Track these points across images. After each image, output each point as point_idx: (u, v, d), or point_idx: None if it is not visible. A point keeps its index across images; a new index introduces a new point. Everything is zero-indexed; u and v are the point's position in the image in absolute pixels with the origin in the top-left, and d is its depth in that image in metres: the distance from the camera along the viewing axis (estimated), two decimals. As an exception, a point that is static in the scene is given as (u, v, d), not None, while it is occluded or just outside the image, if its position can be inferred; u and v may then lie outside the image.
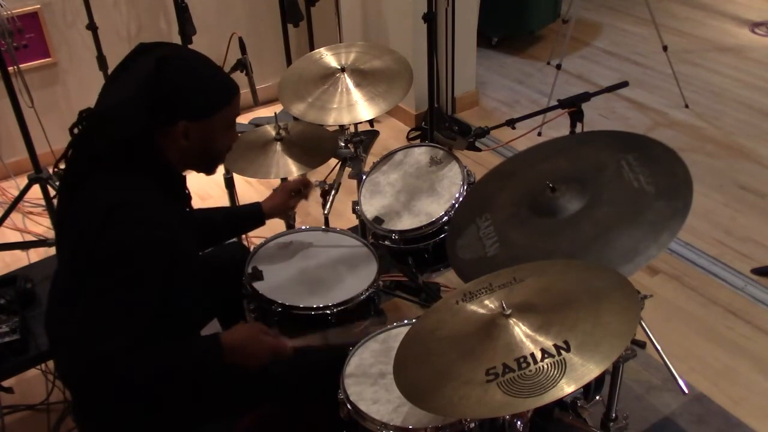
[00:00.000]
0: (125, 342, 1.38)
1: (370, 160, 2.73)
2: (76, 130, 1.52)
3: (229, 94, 1.54)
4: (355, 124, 2.44)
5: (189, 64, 1.50)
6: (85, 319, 1.39)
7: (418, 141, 3.78)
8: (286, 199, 2.12)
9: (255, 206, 2.09)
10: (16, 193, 3.04)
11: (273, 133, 2.31)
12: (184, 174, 1.65)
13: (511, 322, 1.37)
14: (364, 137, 2.52)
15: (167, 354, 1.48)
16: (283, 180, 2.49)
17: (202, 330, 1.90)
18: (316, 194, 2.44)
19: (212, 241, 2.03)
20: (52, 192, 2.95)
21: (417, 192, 2.28)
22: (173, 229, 1.48)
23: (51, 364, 2.17)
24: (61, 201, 1.57)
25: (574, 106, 2.14)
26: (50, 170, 2.93)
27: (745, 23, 4.95)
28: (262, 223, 2.09)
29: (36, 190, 2.98)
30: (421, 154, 2.40)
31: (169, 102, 1.46)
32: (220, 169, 2.63)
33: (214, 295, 1.94)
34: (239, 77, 2.47)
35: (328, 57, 2.42)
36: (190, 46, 1.76)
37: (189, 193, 1.68)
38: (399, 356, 1.48)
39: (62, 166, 1.58)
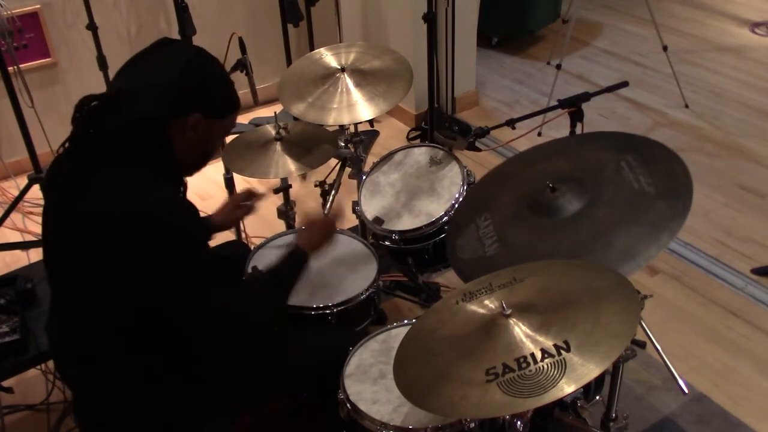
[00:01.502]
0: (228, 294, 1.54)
1: (370, 160, 2.73)
2: (79, 114, 1.52)
3: (238, 104, 1.62)
4: (355, 124, 2.44)
5: (218, 63, 1.57)
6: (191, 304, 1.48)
7: (418, 141, 3.78)
8: (232, 210, 2.10)
9: (205, 220, 2.06)
10: (16, 193, 3.04)
11: (273, 132, 2.31)
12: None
13: (511, 322, 1.37)
14: (364, 137, 2.53)
15: (272, 280, 1.71)
16: (284, 180, 2.50)
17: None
18: (315, 194, 2.44)
19: None
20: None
21: (417, 192, 2.28)
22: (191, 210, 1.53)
23: (51, 364, 2.17)
24: (60, 193, 1.53)
25: (574, 106, 2.14)
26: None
27: (745, 23, 4.95)
28: (210, 237, 2.07)
29: (36, 190, 2.98)
30: (421, 154, 2.40)
31: (199, 92, 1.51)
32: (221, 169, 2.65)
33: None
34: (239, 77, 2.48)
35: (328, 57, 2.43)
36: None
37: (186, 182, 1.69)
38: (399, 356, 1.48)
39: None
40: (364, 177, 2.39)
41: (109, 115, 1.47)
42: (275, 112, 2.56)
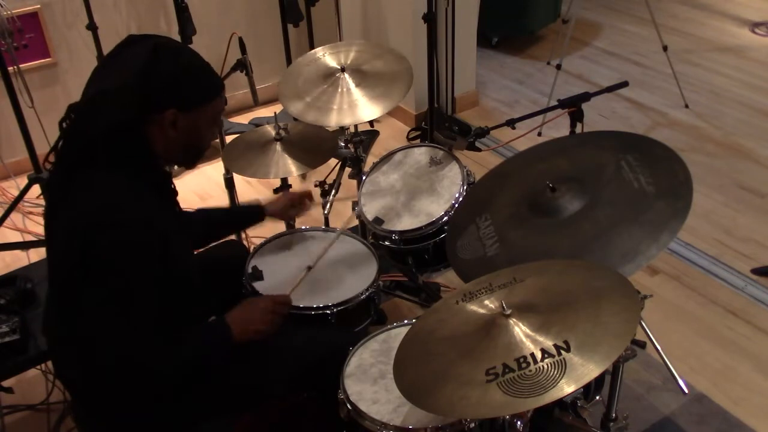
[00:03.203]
0: (138, 342, 1.45)
1: (370, 160, 2.73)
2: (65, 124, 1.54)
3: (218, 88, 1.58)
4: (355, 124, 2.44)
5: (183, 53, 1.53)
6: (95, 327, 1.44)
7: (418, 141, 3.78)
8: (287, 208, 2.19)
9: (256, 206, 2.15)
10: (16, 193, 3.04)
11: (273, 133, 2.31)
12: (168, 170, 1.68)
13: (511, 322, 1.37)
14: (364, 137, 2.53)
15: (181, 347, 1.54)
16: (284, 180, 2.50)
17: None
18: (315, 194, 2.43)
19: (212, 236, 2.08)
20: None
21: (417, 192, 2.28)
22: (158, 228, 1.49)
23: (51, 364, 2.17)
24: (50, 199, 1.58)
25: (574, 106, 2.14)
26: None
27: (745, 23, 4.95)
28: (261, 220, 2.15)
29: (36, 190, 2.99)
30: (421, 154, 2.40)
31: (164, 88, 1.48)
32: (221, 169, 2.65)
33: (213, 294, 1.94)
34: (239, 77, 2.48)
35: (327, 57, 2.42)
36: (190, 46, 1.77)
37: (175, 188, 1.69)
38: (399, 356, 1.48)
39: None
40: (364, 177, 2.39)
41: (83, 123, 1.48)
42: (275, 112, 2.57)
